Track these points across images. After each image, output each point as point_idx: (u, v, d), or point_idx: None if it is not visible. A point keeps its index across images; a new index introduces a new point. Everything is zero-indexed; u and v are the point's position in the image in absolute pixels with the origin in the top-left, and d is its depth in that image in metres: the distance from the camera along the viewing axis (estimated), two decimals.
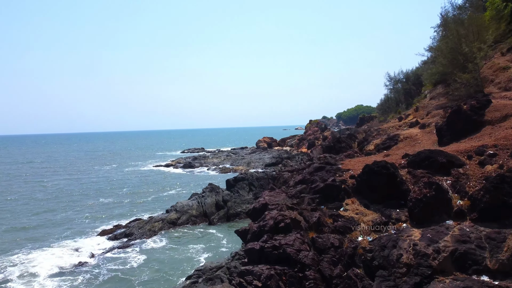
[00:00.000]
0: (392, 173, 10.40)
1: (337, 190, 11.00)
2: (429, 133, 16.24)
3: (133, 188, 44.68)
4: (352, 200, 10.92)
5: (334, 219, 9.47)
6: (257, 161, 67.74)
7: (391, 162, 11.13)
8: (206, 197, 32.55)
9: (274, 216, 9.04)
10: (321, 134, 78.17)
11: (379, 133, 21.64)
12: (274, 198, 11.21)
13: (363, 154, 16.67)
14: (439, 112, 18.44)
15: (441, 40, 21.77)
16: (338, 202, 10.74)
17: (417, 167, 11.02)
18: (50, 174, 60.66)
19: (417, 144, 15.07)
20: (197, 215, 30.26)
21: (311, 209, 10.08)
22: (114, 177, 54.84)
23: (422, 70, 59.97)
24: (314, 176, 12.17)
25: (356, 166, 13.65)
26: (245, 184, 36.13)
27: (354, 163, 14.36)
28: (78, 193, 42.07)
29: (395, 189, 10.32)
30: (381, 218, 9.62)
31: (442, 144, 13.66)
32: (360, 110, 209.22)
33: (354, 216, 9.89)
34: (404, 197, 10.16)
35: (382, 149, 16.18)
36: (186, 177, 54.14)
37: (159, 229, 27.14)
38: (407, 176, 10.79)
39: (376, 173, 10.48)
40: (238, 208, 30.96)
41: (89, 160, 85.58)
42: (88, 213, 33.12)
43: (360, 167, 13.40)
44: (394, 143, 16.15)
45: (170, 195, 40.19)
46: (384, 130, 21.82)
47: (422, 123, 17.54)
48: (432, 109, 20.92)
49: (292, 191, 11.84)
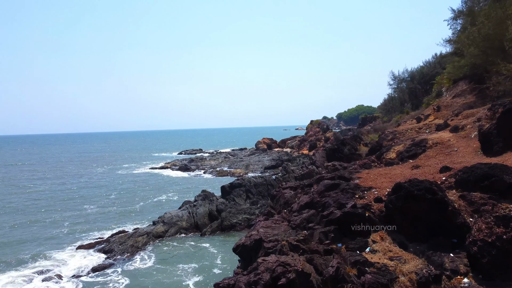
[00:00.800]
0: (440, 199, 7.27)
1: (359, 219, 7.87)
2: (466, 138, 13.11)
3: (122, 194, 41.46)
4: (380, 234, 7.79)
5: (360, 269, 6.35)
6: (256, 163, 64.54)
7: (434, 182, 7.97)
8: (198, 207, 29.33)
9: (271, 266, 5.94)
10: (323, 135, 74.93)
11: (395, 137, 18.47)
12: (271, 231, 8.08)
13: (383, 164, 13.55)
14: (474, 112, 15.33)
15: (470, 29, 18.62)
16: (362, 239, 7.60)
17: (471, 188, 7.88)
18: (36, 177, 57.39)
19: (454, 153, 11.94)
20: (187, 227, 27.05)
21: (325, 250, 6.96)
22: (104, 181, 51.60)
23: (430, 68, 56.82)
24: (325, 198, 9.03)
25: (379, 182, 10.47)
26: (242, 191, 32.93)
27: (375, 177, 11.19)
28: (61, 200, 38.82)
29: (444, 221, 7.22)
30: (429, 268, 6.49)
31: (490, 154, 10.56)
32: (361, 110, 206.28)
33: (388, 262, 6.76)
34: (459, 233, 7.06)
35: (406, 157, 13.03)
36: (180, 181, 50.93)
37: (143, 245, 23.89)
38: (459, 202, 7.63)
39: (416, 198, 7.36)
40: (234, 219, 27.74)
41: (82, 162, 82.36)
42: (68, 223, 29.89)
43: (385, 184, 10.21)
44: (421, 151, 13.00)
45: (161, 202, 36.98)
46: (401, 133, 18.69)
47: (453, 126, 14.42)
48: (457, 108, 17.81)
49: (297, 218, 8.70)
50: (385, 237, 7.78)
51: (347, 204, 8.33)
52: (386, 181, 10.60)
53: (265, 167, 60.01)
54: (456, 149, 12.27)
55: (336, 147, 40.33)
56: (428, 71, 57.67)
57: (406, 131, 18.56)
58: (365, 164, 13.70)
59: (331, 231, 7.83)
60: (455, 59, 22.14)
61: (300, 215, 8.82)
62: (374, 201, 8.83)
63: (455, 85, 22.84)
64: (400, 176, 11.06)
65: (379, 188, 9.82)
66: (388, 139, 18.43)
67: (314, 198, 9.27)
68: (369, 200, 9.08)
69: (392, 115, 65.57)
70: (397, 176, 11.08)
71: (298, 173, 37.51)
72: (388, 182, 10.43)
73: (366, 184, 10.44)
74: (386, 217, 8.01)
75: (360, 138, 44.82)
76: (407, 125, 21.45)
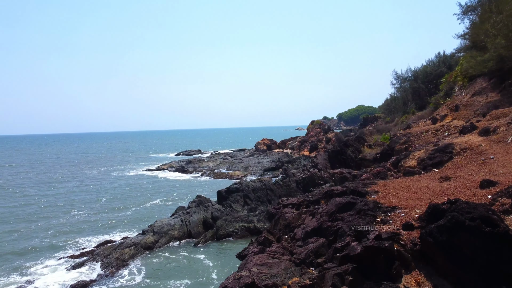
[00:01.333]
0: (504, 233, 5.21)
1: (386, 256, 5.81)
2: (501, 142, 11.00)
3: (113, 198, 39.36)
4: (416, 278, 5.71)
5: None
6: (256, 165, 62.45)
7: (489, 207, 5.87)
8: (191, 214, 27.22)
9: None
10: (324, 136, 72.77)
11: (409, 140, 16.37)
12: (268, 270, 5.98)
13: (401, 173, 11.47)
14: (506, 111, 13.21)
15: (495, 17, 16.45)
16: (391, 284, 5.55)
17: None
18: (25, 180, 55.20)
19: (490, 161, 9.85)
20: (179, 237, 24.95)
21: None
22: (96, 184, 49.48)
23: (434, 67, 54.71)
24: (338, 222, 6.93)
25: (403, 199, 8.35)
26: (239, 197, 30.81)
27: (395, 191, 9.08)
28: (47, 205, 36.69)
29: (509, 265, 5.16)
30: None
31: None
32: (362, 110, 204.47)
33: None
34: None
35: (430, 166, 10.94)
36: (176, 184, 48.81)
37: (130, 257, 21.80)
38: None
39: (469, 230, 5.31)
40: (230, 228, 25.65)
41: (77, 164, 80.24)
42: (52, 231, 27.80)
43: (411, 202, 8.09)
44: (447, 158, 10.90)
45: (154, 208, 34.87)
46: (415, 135, 16.58)
47: (483, 128, 12.31)
48: (480, 108, 15.71)
49: (302, 250, 6.59)
50: (423, 282, 5.69)
51: (369, 233, 6.23)
52: (412, 198, 8.47)
53: (265, 169, 57.92)
54: (493, 156, 10.18)
55: (339, 149, 38.26)
56: (432, 70, 55.71)
57: (421, 134, 16.46)
58: (380, 173, 11.59)
59: (348, 272, 5.73)
60: (473, 54, 19.99)
61: (305, 246, 6.73)
62: (402, 228, 6.73)
63: (472, 82, 20.72)
64: (428, 190, 8.94)
65: (406, 208, 7.70)
66: (401, 142, 16.33)
67: (323, 222, 7.16)
68: (395, 225, 6.96)
69: (394, 115, 63.52)
70: (424, 191, 8.97)
71: (299, 177, 35.35)
72: (415, 199, 8.29)
73: (386, 201, 8.33)
74: (423, 254, 5.93)
75: (363, 140, 42.69)
76: (420, 126, 19.31)
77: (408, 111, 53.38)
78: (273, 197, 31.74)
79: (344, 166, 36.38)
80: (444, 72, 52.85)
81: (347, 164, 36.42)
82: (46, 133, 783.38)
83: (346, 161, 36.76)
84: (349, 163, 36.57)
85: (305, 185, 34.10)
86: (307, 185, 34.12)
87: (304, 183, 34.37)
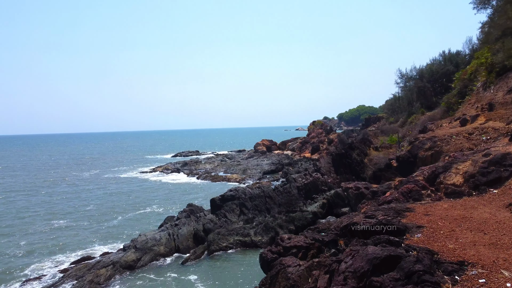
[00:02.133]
0: None
1: None
2: None
3: (100, 205, 36.36)
4: None
5: None
6: (254, 168, 59.45)
7: None
8: (181, 226, 24.23)
9: None
10: (326, 137, 69.71)
11: (435, 145, 13.46)
12: None
13: (441, 193, 8.56)
14: None
15: None
16: None
17: None
18: (12, 185, 52.18)
19: None
20: (166, 253, 21.96)
21: None
22: (84, 189, 46.45)
23: (440, 65, 51.73)
24: None
25: (468, 245, 5.43)
26: (235, 205, 27.86)
27: (448, 226, 6.18)
28: (27, 214, 33.65)
29: None
30: None
31: None
32: (363, 110, 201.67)
33: None
34: None
35: (484, 184, 8.06)
36: (170, 188, 45.82)
37: (106, 279, 18.83)
38: None
39: None
40: (223, 242, 22.65)
41: (70, 165, 77.24)
42: (26, 246, 24.84)
43: (483, 249, 5.19)
44: (508, 173, 8.03)
45: (143, 216, 31.89)
46: (443, 139, 13.67)
47: None
48: None
49: None
50: None
51: None
52: (481, 241, 5.50)
53: (264, 172, 54.97)
54: None
55: (344, 151, 35.25)
56: (438, 68, 52.82)
57: (449, 138, 13.53)
58: (411, 192, 8.66)
59: None
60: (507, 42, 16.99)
61: None
62: None
63: (502, 77, 17.78)
64: (500, 227, 5.99)
65: (482, 266, 4.78)
66: (426, 147, 13.43)
67: None
68: None
69: (399, 115, 60.52)
70: (493, 227, 6.03)
71: (300, 183, 32.36)
72: (489, 246, 5.33)
73: (441, 246, 5.41)
74: None
75: (369, 141, 39.67)
76: (445, 128, 16.31)
77: (414, 111, 50.43)
78: (272, 206, 28.80)
79: (349, 170, 33.52)
80: (451, 70, 49.99)
81: (352, 168, 33.56)
82: (43, 134, 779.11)
83: (351, 164, 33.85)
84: (355, 167, 33.68)
85: (307, 192, 31.18)
86: (310, 192, 31.21)
87: (306, 189, 31.43)
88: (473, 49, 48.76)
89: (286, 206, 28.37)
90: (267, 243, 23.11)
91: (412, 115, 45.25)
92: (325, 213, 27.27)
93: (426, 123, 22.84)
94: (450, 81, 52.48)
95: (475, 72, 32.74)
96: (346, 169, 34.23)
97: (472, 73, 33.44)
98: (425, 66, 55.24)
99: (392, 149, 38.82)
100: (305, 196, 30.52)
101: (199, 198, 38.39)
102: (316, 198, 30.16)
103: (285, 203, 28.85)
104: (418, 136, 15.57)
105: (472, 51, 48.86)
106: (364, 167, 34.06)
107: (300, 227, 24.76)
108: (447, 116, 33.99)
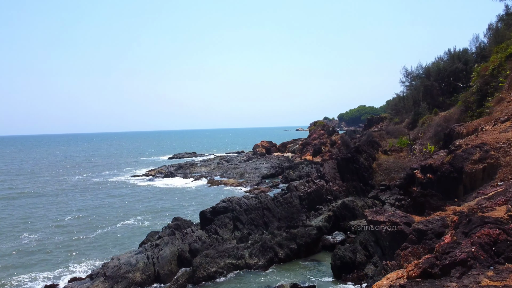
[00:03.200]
0: None
1: None
2: None
3: (80, 216, 32.68)
4: None
5: None
6: (253, 171, 55.85)
7: None
8: (163, 246, 20.57)
9: None
10: (329, 138, 66.08)
11: (488, 155, 9.95)
12: None
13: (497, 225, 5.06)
14: None
15: None
16: None
17: None
18: None
19: None
20: (143, 281, 18.33)
21: None
22: (68, 196, 42.79)
23: (448, 63, 48.18)
24: None
25: None
26: (228, 219, 24.26)
27: None
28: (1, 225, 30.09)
29: None
30: None
31: None
32: (363, 110, 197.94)
33: None
34: None
35: None
36: (160, 195, 42.17)
37: None
38: None
39: None
40: (212, 267, 18.96)
41: (60, 168, 73.54)
42: None
43: None
44: None
45: (125, 230, 28.28)
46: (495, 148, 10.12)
47: None
48: None
49: None
50: None
51: None
52: None
53: (263, 176, 51.38)
54: None
55: (350, 156, 31.65)
56: (446, 66, 49.56)
57: (508, 146, 10.02)
58: (497, 244, 5.16)
59: None
60: None
61: None
62: None
63: None
64: None
65: None
66: (474, 159, 9.95)
67: None
68: None
69: (404, 116, 56.83)
70: None
71: (303, 191, 28.66)
72: None
73: None
74: None
75: (377, 144, 36.06)
76: (494, 133, 12.59)
77: (421, 111, 46.93)
78: (271, 219, 25.18)
79: (356, 176, 29.94)
80: (460, 68, 46.55)
81: (360, 174, 30.00)
82: (40, 134, 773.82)
83: (359, 170, 30.27)
84: (363, 173, 30.11)
85: (311, 202, 27.55)
86: (313, 202, 27.58)
87: (310, 199, 27.79)
88: (481, 46, 45.44)
89: (287, 220, 24.78)
90: (264, 267, 19.56)
91: (424, 116, 41.71)
92: (331, 228, 23.72)
93: (453, 126, 19.21)
94: (458, 79, 49.00)
95: (499, 67, 29.27)
96: (353, 175, 30.61)
97: (494, 68, 29.94)
98: (431, 64, 51.86)
99: (403, 152, 35.11)
100: (308, 207, 26.91)
101: (191, 208, 34.83)
102: (320, 209, 26.60)
103: (285, 217, 25.25)
104: (460, 142, 12.04)
105: (479, 49, 45.53)
106: (372, 173, 30.57)
107: (303, 245, 21.22)
108: (465, 116, 30.52)
